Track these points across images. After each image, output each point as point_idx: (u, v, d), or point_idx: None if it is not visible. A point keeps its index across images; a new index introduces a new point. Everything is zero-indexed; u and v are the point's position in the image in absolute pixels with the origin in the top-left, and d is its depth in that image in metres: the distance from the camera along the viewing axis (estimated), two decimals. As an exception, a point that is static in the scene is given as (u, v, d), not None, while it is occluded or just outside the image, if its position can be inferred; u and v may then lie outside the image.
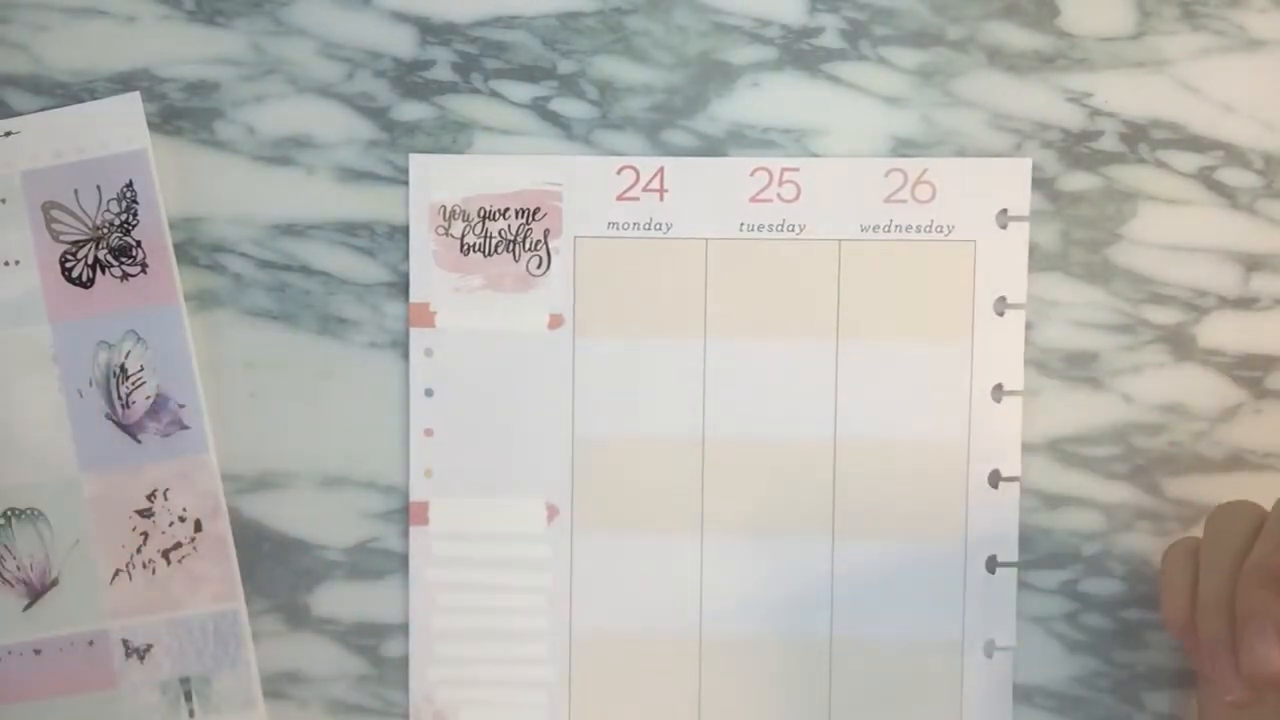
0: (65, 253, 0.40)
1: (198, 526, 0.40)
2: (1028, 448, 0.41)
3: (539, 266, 0.41)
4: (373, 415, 0.41)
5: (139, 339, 0.40)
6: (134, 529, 0.40)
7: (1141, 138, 0.41)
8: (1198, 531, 0.41)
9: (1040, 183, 0.41)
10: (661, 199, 0.41)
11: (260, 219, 0.41)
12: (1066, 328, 0.41)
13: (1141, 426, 0.41)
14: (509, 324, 0.41)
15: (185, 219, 0.41)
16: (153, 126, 0.41)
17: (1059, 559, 0.41)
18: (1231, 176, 0.41)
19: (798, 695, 0.41)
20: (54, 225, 0.40)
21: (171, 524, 0.40)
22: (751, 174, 0.41)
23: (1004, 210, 0.41)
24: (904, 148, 0.41)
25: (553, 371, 0.41)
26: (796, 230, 0.41)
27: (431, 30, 0.41)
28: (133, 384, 0.40)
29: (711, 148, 0.41)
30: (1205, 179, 0.41)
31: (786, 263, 0.41)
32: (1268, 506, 0.40)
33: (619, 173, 0.41)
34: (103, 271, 0.40)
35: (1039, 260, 0.41)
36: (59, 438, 0.40)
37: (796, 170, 0.41)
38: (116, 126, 0.40)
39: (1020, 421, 0.41)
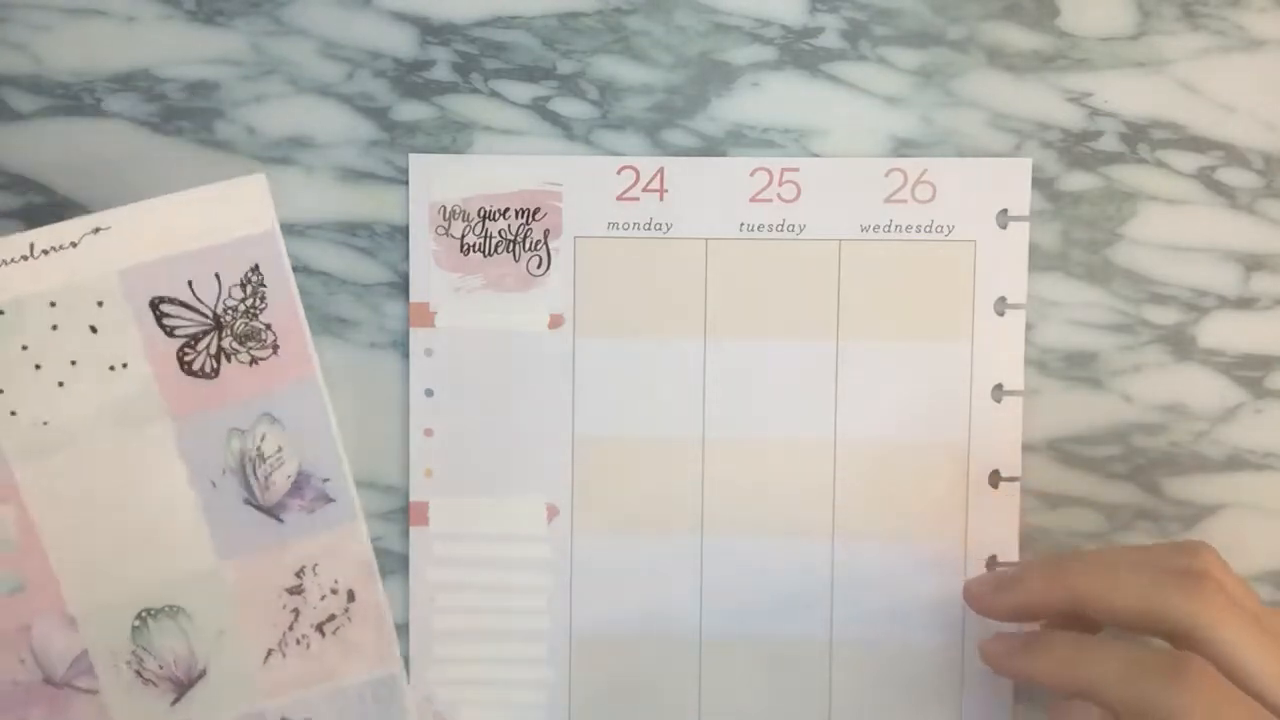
0: (183, 346, 0.37)
1: (351, 596, 0.40)
2: (1028, 448, 0.41)
3: (539, 266, 0.41)
4: (372, 415, 0.41)
5: (274, 420, 0.38)
6: (284, 607, 0.39)
7: (1141, 138, 0.41)
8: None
9: (1040, 183, 0.41)
10: (661, 199, 0.41)
11: (260, 219, 0.41)
12: (1066, 328, 0.41)
13: (1141, 426, 0.41)
14: (509, 324, 0.41)
15: (185, 219, 0.41)
16: (152, 126, 0.41)
17: (1059, 559, 0.41)
18: (1231, 176, 0.41)
19: (797, 695, 0.41)
20: (166, 321, 0.37)
21: (324, 597, 0.39)
22: (751, 174, 0.41)
23: (1004, 210, 0.41)
24: (904, 148, 0.41)
25: (553, 371, 0.41)
26: (796, 230, 0.41)
27: (431, 30, 0.41)
28: (271, 466, 0.38)
29: (711, 148, 0.41)
30: (1205, 179, 0.41)
31: (786, 263, 0.41)
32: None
33: (619, 173, 0.41)
34: (228, 360, 0.38)
35: (1039, 260, 0.41)
36: (193, 531, 0.38)
37: (796, 170, 0.41)
38: (234, 209, 0.37)
39: (1020, 421, 0.41)
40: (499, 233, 0.41)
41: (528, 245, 0.41)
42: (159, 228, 0.37)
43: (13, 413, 0.37)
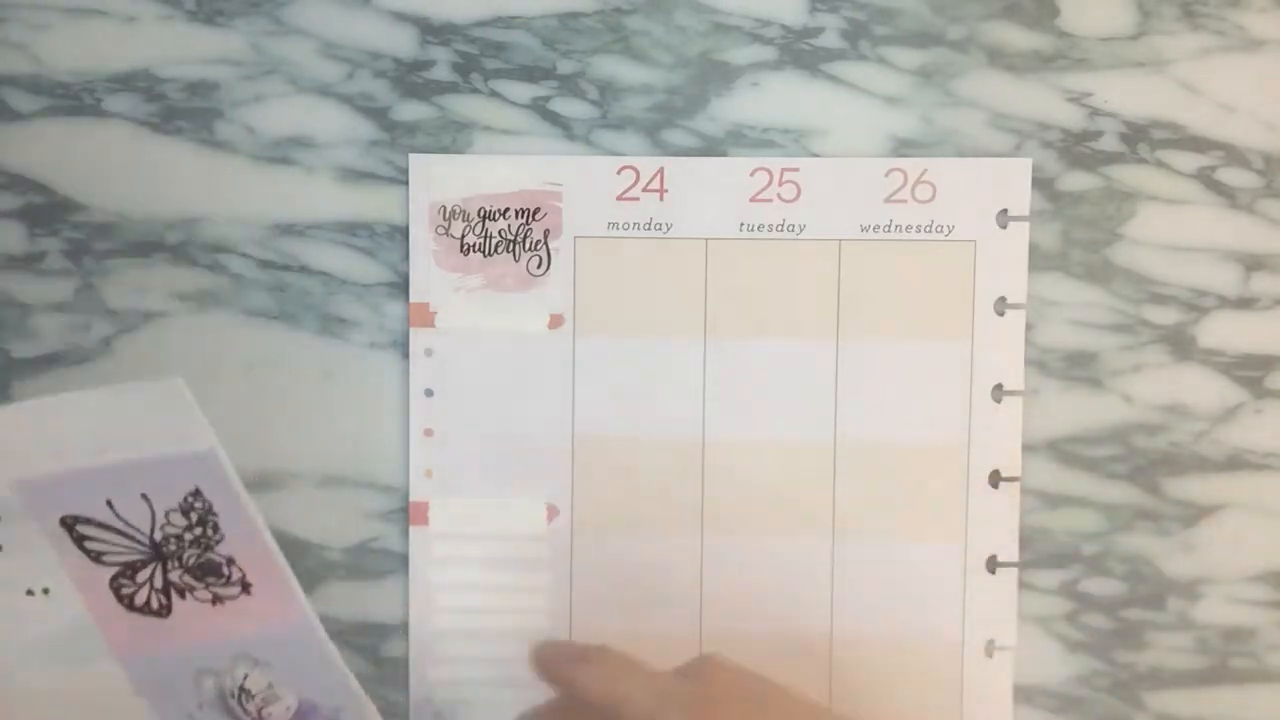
0: (116, 576, 0.30)
1: None
2: (1028, 448, 0.41)
3: (539, 266, 0.41)
4: (373, 415, 0.41)
5: (256, 663, 0.31)
6: None
7: (1141, 138, 0.41)
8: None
9: (1040, 183, 0.41)
10: (661, 199, 0.41)
11: (260, 219, 0.41)
12: (1066, 328, 0.41)
13: (1141, 426, 0.41)
14: (509, 324, 0.41)
15: (185, 219, 0.41)
16: (152, 126, 0.41)
17: (1059, 559, 0.41)
18: (1231, 176, 0.41)
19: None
20: (88, 545, 0.29)
21: None
22: (751, 174, 0.41)
23: (1004, 210, 0.41)
24: (904, 148, 0.41)
25: (553, 371, 0.41)
26: (796, 230, 0.41)
27: (431, 30, 0.41)
28: (263, 700, 0.31)
29: (711, 148, 0.41)
30: (1205, 179, 0.41)
31: (786, 263, 0.41)
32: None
33: (619, 173, 0.41)
34: (181, 595, 0.30)
35: (1039, 260, 0.41)
36: None
37: (796, 170, 0.41)
38: (154, 419, 0.29)
39: (1020, 421, 0.41)
40: (499, 233, 0.41)
41: (528, 245, 0.41)
42: (57, 434, 0.28)
43: None
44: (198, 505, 0.30)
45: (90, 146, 0.41)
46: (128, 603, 0.30)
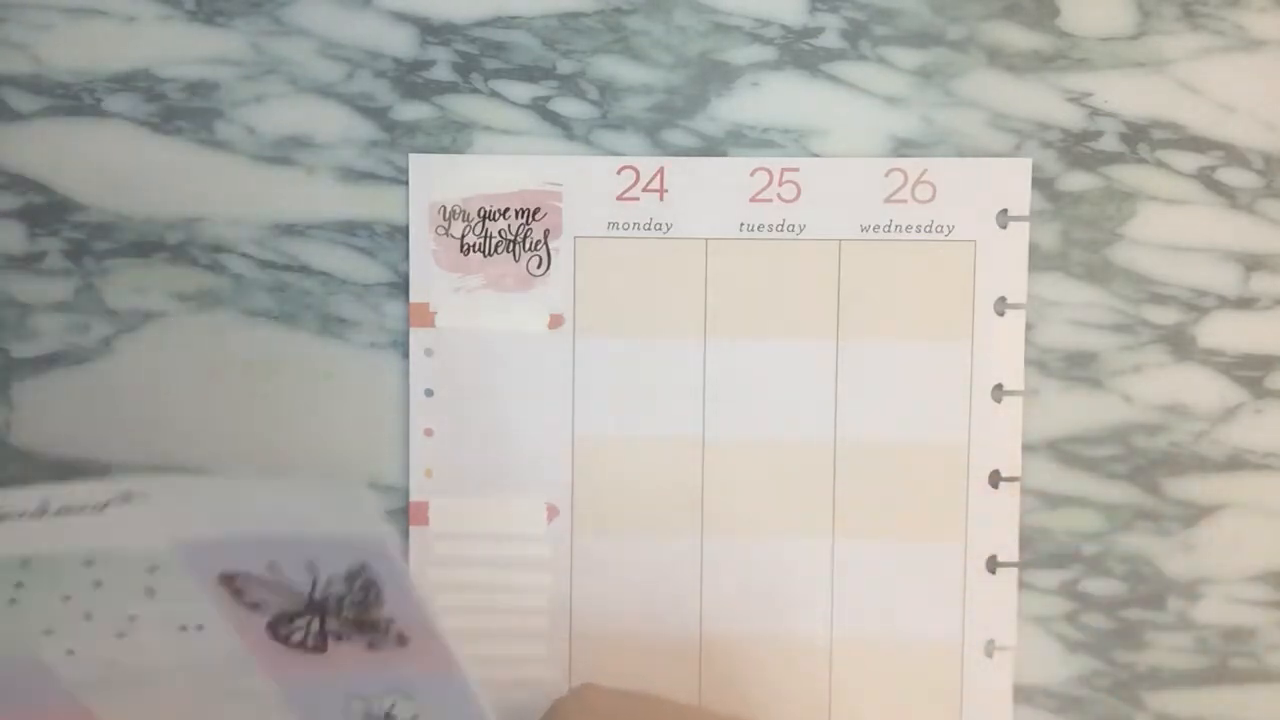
0: (273, 622, 0.30)
1: None
2: (1028, 448, 0.41)
3: (539, 266, 0.41)
4: (373, 415, 0.41)
5: (407, 695, 0.31)
6: None
7: (1141, 138, 0.41)
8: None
9: (1040, 183, 0.41)
10: (661, 199, 0.41)
11: (260, 219, 0.41)
12: (1066, 328, 0.41)
13: (1141, 426, 0.41)
14: (509, 324, 0.41)
15: (185, 219, 0.41)
16: (152, 126, 0.41)
17: (1059, 559, 0.41)
18: (1231, 176, 0.41)
19: (798, 695, 0.41)
20: (244, 596, 0.29)
21: None
22: (751, 174, 0.41)
23: (1004, 210, 0.41)
24: (904, 148, 0.41)
25: (553, 371, 0.41)
26: (796, 230, 0.41)
27: (431, 30, 0.41)
28: None
29: (711, 148, 0.41)
30: (1205, 179, 0.41)
31: (786, 263, 0.41)
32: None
33: (619, 173, 0.41)
34: (337, 639, 0.30)
35: (1039, 260, 0.41)
36: None
37: (796, 170, 0.41)
38: (324, 513, 0.28)
39: (1020, 421, 0.41)
40: (499, 233, 0.41)
41: (528, 245, 0.41)
42: (218, 510, 0.29)
43: (70, 651, 0.30)
44: (362, 575, 0.29)
45: (90, 146, 0.41)
46: (284, 640, 0.30)
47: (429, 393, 0.41)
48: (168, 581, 0.29)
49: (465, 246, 0.41)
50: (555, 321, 0.41)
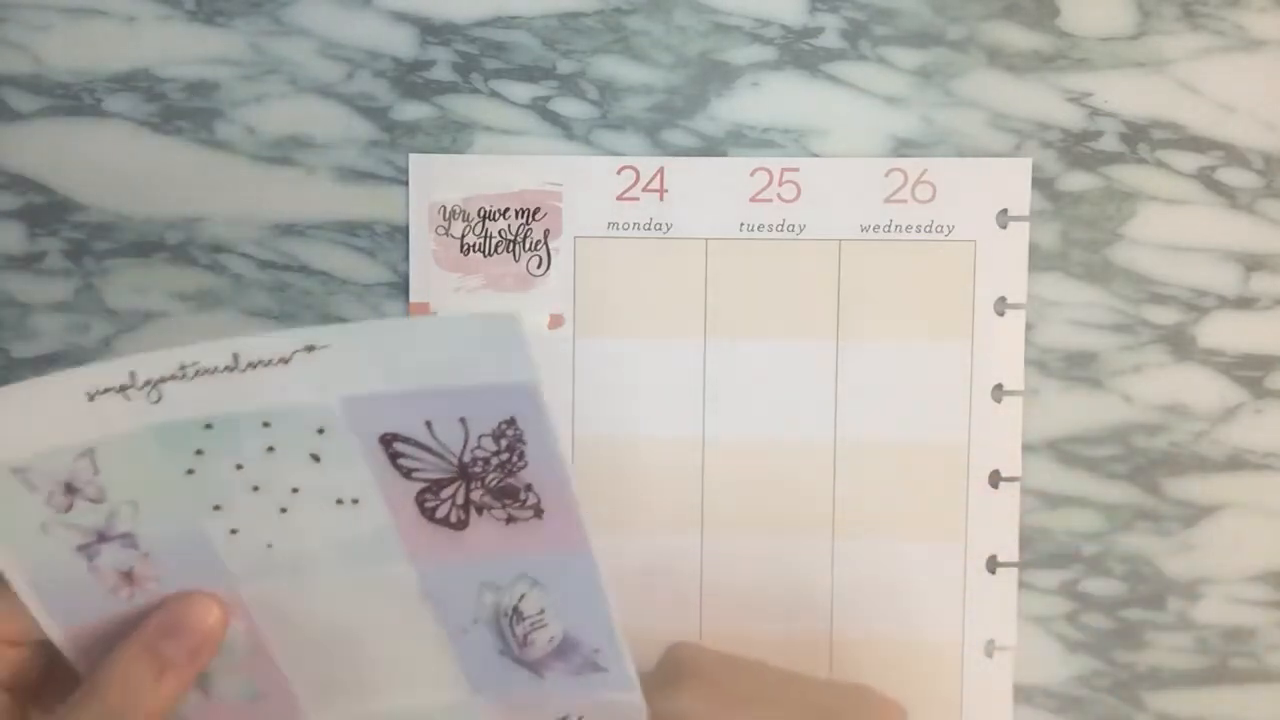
0: (423, 491, 0.32)
1: None
2: (1028, 448, 0.41)
3: (539, 266, 0.41)
4: (373, 415, 0.41)
5: (535, 583, 0.33)
6: None
7: (1141, 138, 0.41)
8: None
9: (1040, 183, 0.41)
10: (661, 199, 0.41)
11: (260, 219, 0.41)
12: (1066, 328, 0.41)
13: (1141, 426, 0.41)
14: (509, 324, 0.41)
15: (185, 219, 0.41)
16: (152, 126, 0.41)
17: (1059, 559, 0.41)
18: (1231, 176, 0.41)
19: (798, 695, 0.41)
20: (401, 461, 0.32)
21: None
22: (751, 174, 0.41)
23: (1004, 210, 0.41)
24: (904, 148, 0.41)
25: (553, 371, 0.41)
26: (796, 230, 0.41)
27: (431, 30, 0.41)
28: (531, 625, 0.33)
29: (711, 148, 0.41)
30: (1205, 179, 0.41)
31: (786, 263, 0.41)
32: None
33: (619, 173, 0.41)
34: (479, 512, 0.32)
35: (1039, 260, 0.41)
36: (445, 667, 0.34)
37: (796, 170, 0.41)
38: (482, 350, 0.30)
39: (1020, 421, 0.41)
40: (499, 233, 0.41)
41: (528, 245, 0.41)
42: (385, 354, 0.30)
43: (233, 531, 0.32)
44: (509, 433, 0.31)
45: (90, 146, 0.41)
46: (429, 515, 0.32)
47: (429, 393, 0.41)
48: (332, 445, 0.31)
49: (465, 246, 0.41)
50: (555, 321, 0.41)
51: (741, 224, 0.41)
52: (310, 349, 0.30)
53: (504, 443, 0.31)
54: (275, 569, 0.32)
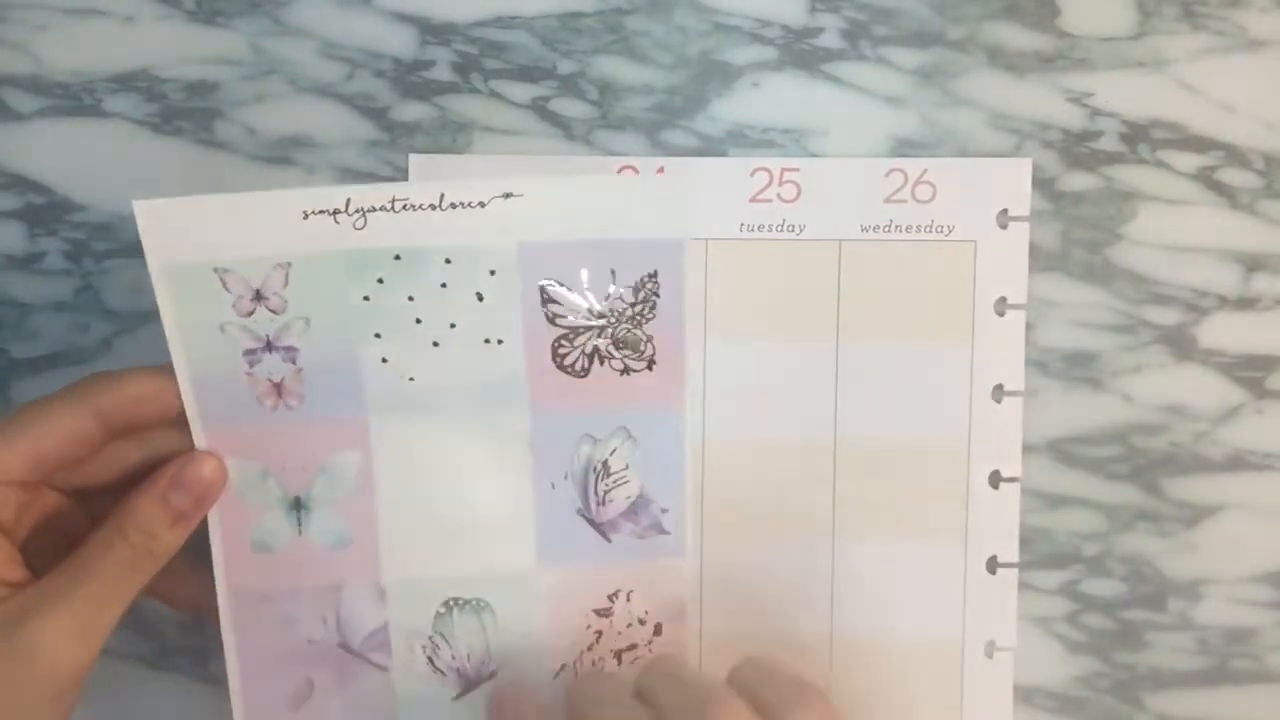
0: (560, 338, 0.35)
1: (657, 630, 0.38)
2: (1028, 448, 0.41)
3: (539, 266, 0.41)
4: (373, 415, 0.41)
5: (629, 437, 0.36)
6: (588, 627, 0.38)
7: (1141, 138, 0.41)
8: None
9: (1040, 183, 0.41)
10: (661, 199, 0.41)
11: (260, 219, 0.41)
12: (1066, 328, 0.41)
13: (1141, 426, 0.41)
14: (509, 324, 0.41)
15: (185, 219, 0.41)
16: (153, 126, 0.41)
17: (1059, 559, 0.41)
18: (1231, 176, 0.41)
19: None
20: (550, 306, 0.35)
21: (630, 625, 0.38)
22: (751, 174, 0.41)
23: (1004, 210, 0.41)
24: (904, 148, 0.41)
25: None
26: (796, 230, 0.41)
27: (431, 30, 0.41)
28: (614, 482, 0.37)
29: (711, 148, 0.41)
30: (1205, 179, 0.41)
31: (786, 263, 0.41)
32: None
33: (619, 173, 0.41)
34: (600, 362, 0.36)
35: (1039, 260, 0.41)
36: (521, 529, 0.37)
37: (796, 170, 0.41)
38: (648, 207, 0.35)
39: (1020, 421, 0.41)
40: (499, 233, 0.41)
41: (528, 245, 0.41)
42: (567, 206, 0.35)
43: (384, 359, 0.35)
44: (649, 285, 0.35)
45: (90, 146, 0.41)
46: (559, 362, 0.36)
47: (429, 393, 0.41)
48: (498, 287, 0.35)
49: (465, 246, 0.41)
50: (555, 321, 0.41)
51: (741, 224, 0.41)
52: (507, 196, 0.34)
53: (641, 294, 0.35)
54: (409, 402, 0.35)
